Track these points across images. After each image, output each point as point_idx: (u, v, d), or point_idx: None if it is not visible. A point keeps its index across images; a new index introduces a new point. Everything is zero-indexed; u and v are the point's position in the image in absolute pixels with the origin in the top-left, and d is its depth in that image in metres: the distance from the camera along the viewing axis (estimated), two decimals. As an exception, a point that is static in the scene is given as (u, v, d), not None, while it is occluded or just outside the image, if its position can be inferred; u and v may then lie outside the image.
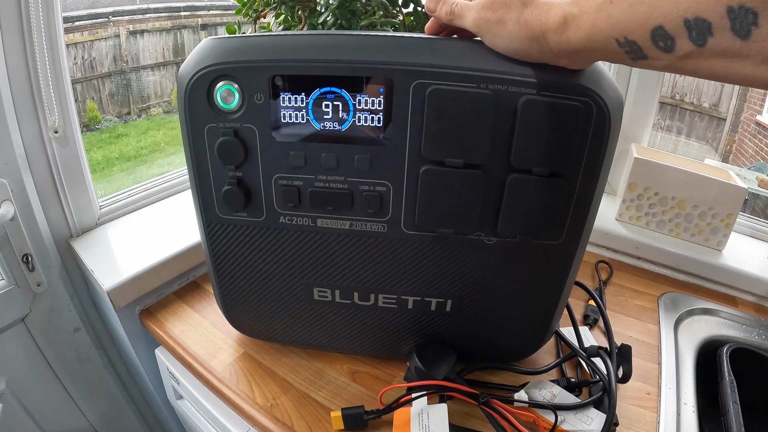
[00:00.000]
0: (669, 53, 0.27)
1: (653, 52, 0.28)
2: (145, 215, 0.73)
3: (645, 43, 0.28)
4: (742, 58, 0.25)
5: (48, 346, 0.67)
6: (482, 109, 0.35)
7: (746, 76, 0.25)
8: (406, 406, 0.44)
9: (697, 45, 0.26)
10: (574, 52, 0.32)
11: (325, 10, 0.48)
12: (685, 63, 0.27)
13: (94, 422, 0.77)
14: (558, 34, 0.31)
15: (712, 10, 0.24)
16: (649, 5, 0.27)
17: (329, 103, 0.37)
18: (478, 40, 0.36)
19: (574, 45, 0.31)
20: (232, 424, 0.52)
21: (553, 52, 0.32)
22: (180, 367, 0.59)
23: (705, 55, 0.26)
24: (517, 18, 0.33)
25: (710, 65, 0.26)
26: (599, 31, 0.29)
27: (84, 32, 1.84)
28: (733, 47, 0.24)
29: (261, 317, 0.50)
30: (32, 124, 0.57)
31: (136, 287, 0.60)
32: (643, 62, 0.29)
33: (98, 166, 1.73)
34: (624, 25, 0.28)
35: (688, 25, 0.25)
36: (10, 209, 0.56)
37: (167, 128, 2.05)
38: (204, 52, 0.38)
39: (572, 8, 0.31)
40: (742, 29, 0.23)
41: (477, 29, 0.35)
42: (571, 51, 0.32)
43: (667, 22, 0.26)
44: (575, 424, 0.44)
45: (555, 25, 0.31)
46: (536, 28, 0.32)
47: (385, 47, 0.36)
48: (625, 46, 0.28)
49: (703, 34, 0.25)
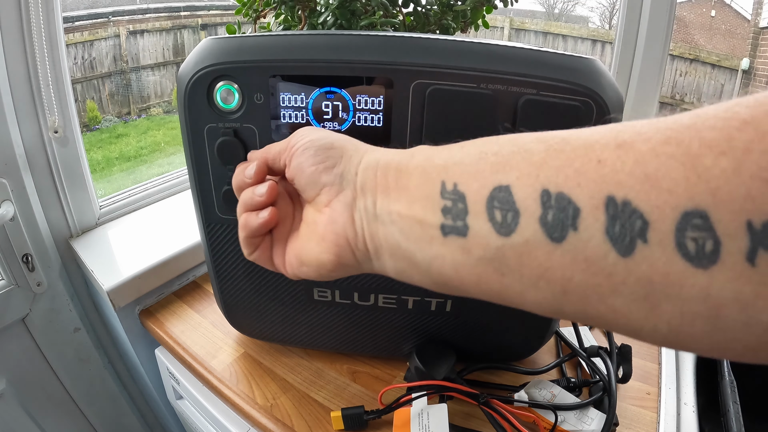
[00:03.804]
0: (505, 236, 0.19)
1: (482, 226, 0.20)
2: (145, 215, 0.73)
3: (476, 205, 0.20)
4: (611, 286, 0.16)
5: (48, 346, 0.67)
6: (482, 109, 0.35)
7: (612, 311, 0.17)
8: (406, 406, 0.44)
9: (551, 237, 0.17)
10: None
11: (325, 10, 0.48)
12: (526, 258, 0.18)
13: (94, 422, 0.77)
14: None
15: (585, 191, 0.17)
16: (504, 157, 0.20)
17: (329, 103, 0.37)
18: (478, 40, 0.36)
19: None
20: (232, 424, 0.52)
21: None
22: (180, 367, 0.59)
23: (559, 254, 0.17)
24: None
25: (554, 275, 0.18)
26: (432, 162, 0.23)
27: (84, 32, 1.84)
28: (606, 264, 0.16)
29: (261, 317, 0.50)
30: (32, 124, 0.57)
31: (136, 287, 0.60)
32: (459, 241, 0.20)
33: (98, 166, 1.73)
34: (461, 169, 0.21)
35: (545, 198, 0.18)
36: (10, 209, 0.56)
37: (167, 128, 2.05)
38: (204, 52, 0.38)
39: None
40: (623, 238, 0.16)
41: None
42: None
43: (519, 184, 0.19)
44: (575, 424, 0.44)
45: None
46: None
47: (385, 47, 0.36)
48: (448, 197, 0.21)
49: (564, 221, 0.17)
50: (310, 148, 0.27)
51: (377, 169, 0.25)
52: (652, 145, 0.16)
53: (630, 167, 0.16)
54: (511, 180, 0.19)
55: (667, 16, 0.77)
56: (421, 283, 0.24)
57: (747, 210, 0.14)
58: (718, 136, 0.14)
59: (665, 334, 0.16)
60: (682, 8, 2.94)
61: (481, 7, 0.52)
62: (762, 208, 0.13)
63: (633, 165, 0.16)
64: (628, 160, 0.16)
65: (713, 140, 0.15)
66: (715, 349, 0.16)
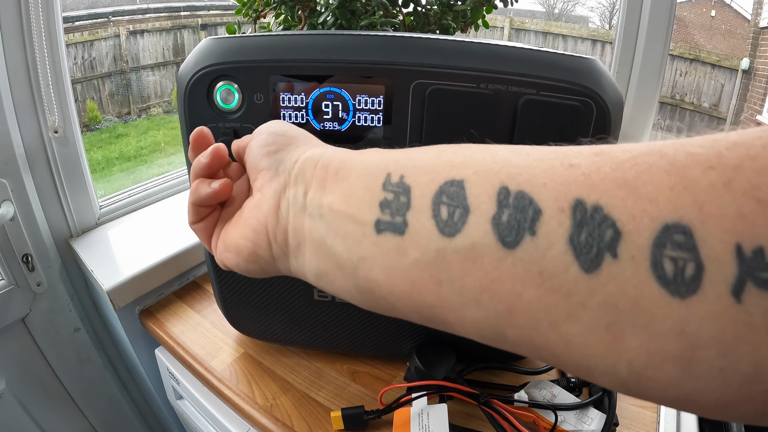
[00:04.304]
0: (448, 237, 0.16)
1: (422, 224, 0.17)
2: (145, 215, 0.73)
3: (421, 200, 0.17)
4: (567, 308, 0.14)
5: (48, 346, 0.67)
6: (482, 109, 0.35)
7: (564, 343, 0.15)
8: (406, 406, 0.44)
9: (503, 242, 0.15)
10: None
11: (325, 10, 0.48)
12: (470, 266, 0.16)
13: (94, 422, 0.77)
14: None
15: (550, 191, 0.15)
16: (465, 154, 0.18)
17: (329, 103, 0.37)
18: (478, 40, 0.36)
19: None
20: (232, 424, 0.52)
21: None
22: (180, 367, 0.59)
23: (509, 263, 0.15)
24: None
25: (501, 288, 0.15)
26: (380, 156, 0.21)
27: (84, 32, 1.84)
28: (566, 279, 0.14)
29: (261, 317, 0.50)
30: (32, 124, 0.57)
31: (136, 287, 0.60)
32: (394, 238, 0.18)
33: (98, 166, 1.73)
34: (413, 161, 0.19)
35: (502, 196, 0.15)
36: (10, 209, 0.56)
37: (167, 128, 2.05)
38: (204, 52, 0.38)
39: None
40: (590, 249, 0.13)
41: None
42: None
43: (474, 179, 0.16)
44: (575, 424, 0.44)
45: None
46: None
47: (385, 47, 0.36)
48: (391, 189, 0.19)
49: (521, 223, 0.15)
50: (264, 133, 0.26)
51: (319, 161, 0.22)
52: (633, 155, 0.14)
53: (606, 171, 0.14)
54: (466, 174, 0.16)
55: (667, 16, 0.77)
56: (344, 290, 0.21)
57: (738, 231, 0.12)
58: (707, 153, 0.13)
59: (624, 378, 0.14)
60: (682, 8, 2.94)
61: (481, 7, 0.52)
62: (754, 231, 0.12)
63: (610, 170, 0.14)
64: (604, 165, 0.14)
65: (701, 154, 0.13)
66: (680, 400, 0.13)
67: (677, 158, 0.13)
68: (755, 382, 0.12)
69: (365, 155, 0.21)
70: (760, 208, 0.12)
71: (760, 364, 0.12)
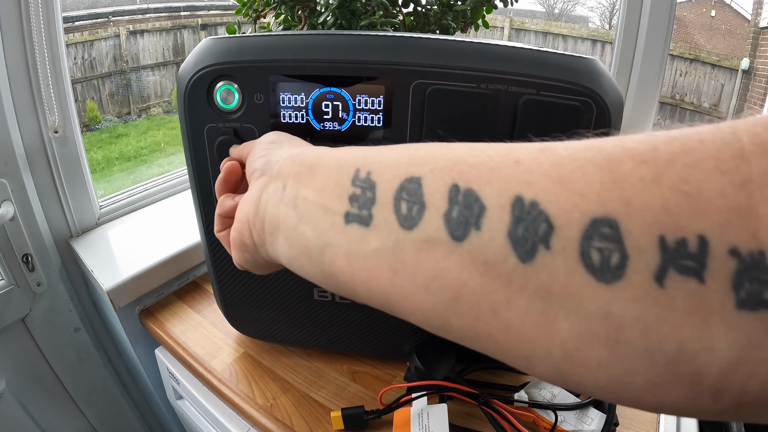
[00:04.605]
0: (407, 230, 0.18)
1: (385, 218, 0.18)
2: (145, 215, 0.73)
3: (385, 195, 0.19)
4: (507, 295, 0.15)
5: (48, 346, 0.67)
6: (482, 109, 0.35)
7: (504, 328, 0.16)
8: (406, 406, 0.44)
9: (453, 236, 0.16)
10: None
11: (325, 10, 0.48)
12: (424, 256, 0.17)
13: (94, 422, 0.77)
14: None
15: (495, 188, 0.16)
16: (425, 152, 0.19)
17: (329, 103, 0.37)
18: (478, 40, 0.36)
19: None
20: (232, 424, 0.52)
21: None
22: (180, 367, 0.59)
23: (458, 254, 0.16)
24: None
25: (449, 276, 0.16)
26: (348, 152, 0.23)
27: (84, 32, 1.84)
28: (506, 268, 0.15)
29: (261, 317, 0.50)
30: (32, 124, 0.57)
31: (136, 287, 0.60)
32: (360, 230, 0.19)
33: (98, 166, 1.73)
34: (379, 159, 0.20)
35: (453, 193, 0.17)
36: (10, 209, 0.56)
37: (167, 128, 2.05)
38: (204, 52, 0.38)
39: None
40: (526, 241, 0.14)
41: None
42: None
43: (431, 177, 0.18)
44: (575, 424, 0.44)
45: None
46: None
47: (385, 47, 0.36)
48: (358, 185, 0.20)
49: (468, 218, 0.16)
50: (260, 143, 0.30)
51: (297, 157, 0.25)
52: (573, 151, 0.15)
53: (546, 168, 0.15)
54: (423, 172, 0.18)
55: (667, 16, 0.77)
56: (312, 274, 0.23)
57: (661, 223, 0.13)
58: (643, 147, 0.14)
59: (558, 362, 0.15)
60: (682, 8, 2.94)
61: (481, 7, 0.52)
62: (678, 223, 0.12)
63: (549, 166, 0.15)
64: (545, 161, 0.15)
65: (636, 149, 0.14)
66: (612, 385, 0.14)
67: (614, 153, 0.14)
68: (681, 362, 0.13)
69: (339, 152, 0.23)
70: (686, 202, 0.12)
71: (683, 344, 0.13)
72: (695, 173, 0.12)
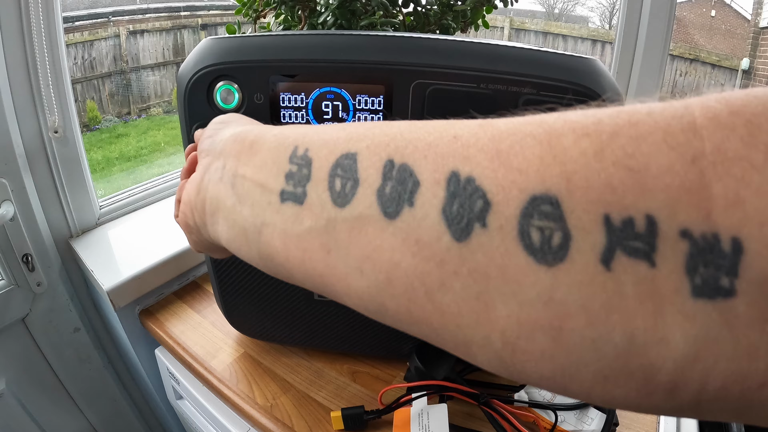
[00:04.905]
0: (339, 207, 0.17)
1: (319, 195, 0.18)
2: (145, 215, 0.73)
3: (320, 172, 0.18)
4: (440, 277, 0.14)
5: (48, 346, 0.67)
6: (482, 109, 0.35)
7: (440, 312, 0.15)
8: (406, 406, 0.44)
9: (385, 212, 0.15)
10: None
11: (325, 10, 0.48)
12: (355, 235, 0.16)
13: (94, 422, 0.77)
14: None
15: (430, 163, 0.15)
16: (366, 128, 0.18)
17: (329, 103, 0.37)
18: (478, 40, 0.36)
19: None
20: (232, 424, 0.52)
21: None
22: (180, 367, 0.59)
23: (390, 232, 0.15)
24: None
25: (382, 257, 0.16)
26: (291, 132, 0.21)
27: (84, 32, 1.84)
28: (440, 248, 0.14)
29: (261, 317, 0.50)
30: (32, 124, 0.57)
31: (136, 287, 0.60)
32: (293, 207, 0.19)
33: (98, 166, 1.72)
34: (319, 137, 0.19)
35: (387, 168, 0.16)
36: (10, 209, 0.56)
37: (167, 128, 2.05)
38: (204, 52, 0.38)
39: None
40: (461, 219, 0.14)
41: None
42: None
43: (366, 152, 0.17)
44: (575, 424, 0.44)
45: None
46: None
47: (385, 47, 0.36)
48: (295, 162, 0.19)
49: (401, 195, 0.15)
50: (212, 123, 0.28)
51: (239, 136, 0.24)
52: (513, 125, 0.14)
53: (483, 143, 0.14)
54: (360, 148, 0.17)
55: (667, 16, 0.77)
56: (249, 256, 0.22)
57: (605, 201, 0.12)
58: (586, 120, 0.13)
59: (499, 351, 0.14)
60: (682, 8, 2.94)
61: (481, 7, 0.52)
62: (623, 202, 0.11)
63: (487, 141, 0.14)
64: (483, 136, 0.14)
65: (579, 122, 0.13)
66: (558, 377, 0.13)
67: (555, 126, 0.13)
68: (632, 355, 0.12)
69: (279, 129, 0.22)
70: (632, 178, 0.11)
71: (634, 335, 0.11)
72: (641, 147, 0.12)
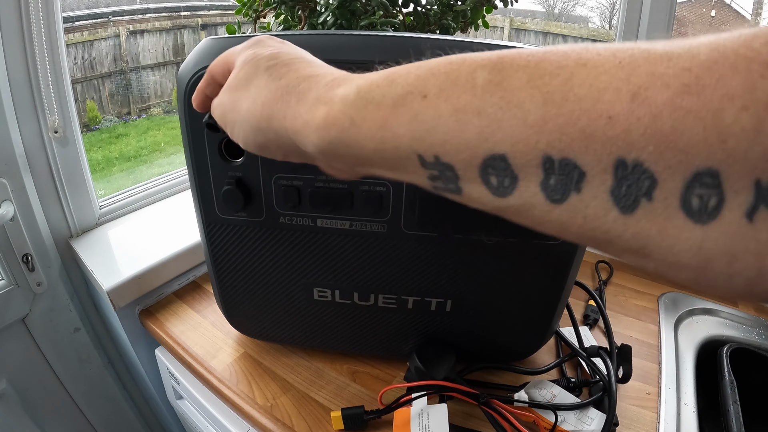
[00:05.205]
0: (501, 197, 0.18)
1: (475, 189, 0.18)
2: (145, 215, 0.73)
3: (467, 172, 0.18)
4: (606, 238, 0.16)
5: (48, 346, 0.67)
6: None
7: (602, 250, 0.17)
8: (406, 406, 0.44)
9: (551, 200, 0.17)
10: (344, 158, 0.22)
11: (325, 10, 0.48)
12: (523, 214, 0.18)
13: (94, 422, 0.77)
14: (321, 132, 0.21)
15: (592, 155, 0.15)
16: (491, 119, 0.17)
17: (329, 103, 0.37)
18: (478, 40, 0.36)
19: (345, 151, 0.21)
20: (232, 424, 0.52)
21: (310, 153, 0.23)
22: (180, 367, 0.59)
23: (557, 212, 0.17)
24: (255, 97, 0.24)
25: (550, 227, 0.18)
26: (393, 138, 0.20)
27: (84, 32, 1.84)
28: (606, 221, 0.16)
29: (261, 317, 0.50)
30: (32, 124, 0.57)
31: (136, 287, 0.60)
32: (454, 196, 0.20)
33: (98, 166, 1.72)
34: (440, 138, 0.18)
35: (547, 165, 0.16)
36: (10, 209, 0.56)
37: (167, 128, 2.05)
38: (204, 52, 0.38)
39: (349, 91, 0.21)
40: (629, 198, 0.15)
41: (219, 121, 0.27)
42: (341, 156, 0.22)
43: (515, 152, 0.17)
44: (575, 424, 0.44)
45: (316, 119, 0.21)
46: (280, 115, 0.23)
47: (385, 47, 0.36)
48: (432, 168, 0.19)
49: (567, 185, 0.16)
50: (249, 43, 0.28)
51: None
52: (671, 96, 0.14)
53: (645, 126, 0.14)
54: (506, 148, 0.17)
55: (667, 16, 0.77)
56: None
57: (760, 169, 0.13)
58: (740, 85, 0.13)
59: (651, 269, 0.17)
60: (682, 8, 2.94)
61: (481, 7, 0.52)
62: None
63: (649, 122, 0.14)
64: (643, 117, 0.14)
65: (735, 90, 0.13)
66: (695, 285, 0.16)
67: (713, 101, 0.14)
68: (756, 284, 0.14)
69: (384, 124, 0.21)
70: None
71: (762, 269, 0.14)
72: None
